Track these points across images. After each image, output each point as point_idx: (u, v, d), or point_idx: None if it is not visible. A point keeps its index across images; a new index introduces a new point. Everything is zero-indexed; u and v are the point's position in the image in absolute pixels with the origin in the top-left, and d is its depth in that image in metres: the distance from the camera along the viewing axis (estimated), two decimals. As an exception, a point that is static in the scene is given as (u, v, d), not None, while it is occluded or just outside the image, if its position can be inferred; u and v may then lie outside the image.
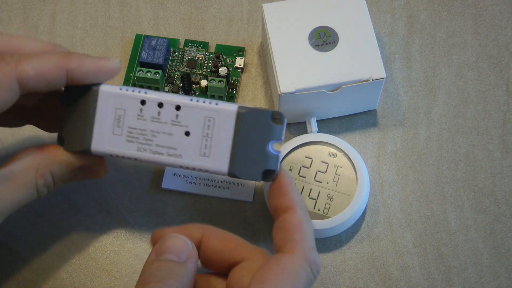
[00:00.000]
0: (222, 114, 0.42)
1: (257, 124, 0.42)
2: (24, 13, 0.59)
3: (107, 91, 0.43)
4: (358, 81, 0.51)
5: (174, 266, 0.39)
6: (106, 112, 0.43)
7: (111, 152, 0.43)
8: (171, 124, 0.42)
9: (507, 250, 0.51)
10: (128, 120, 0.43)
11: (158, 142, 0.43)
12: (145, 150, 0.43)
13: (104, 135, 0.43)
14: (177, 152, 0.43)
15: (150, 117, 0.43)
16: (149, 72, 0.54)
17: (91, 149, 0.43)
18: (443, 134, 0.55)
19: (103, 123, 0.43)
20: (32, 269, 0.51)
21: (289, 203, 0.42)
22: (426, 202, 0.53)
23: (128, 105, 0.43)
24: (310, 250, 0.40)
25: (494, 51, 0.57)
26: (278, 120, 0.42)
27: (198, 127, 0.42)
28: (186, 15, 0.59)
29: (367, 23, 0.53)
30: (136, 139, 0.43)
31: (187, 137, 0.43)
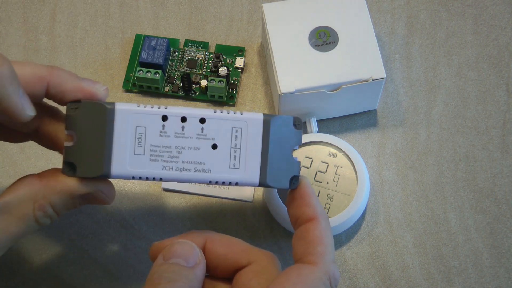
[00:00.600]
0: (249, 123, 0.41)
1: (282, 130, 0.41)
2: (24, 13, 0.59)
3: (125, 109, 0.40)
4: (358, 81, 0.51)
5: (183, 269, 0.39)
6: (125, 131, 0.40)
7: (134, 174, 0.40)
8: (196, 138, 0.40)
9: (507, 250, 0.51)
10: (150, 138, 0.40)
11: (185, 158, 0.40)
12: (171, 168, 0.40)
13: (124, 157, 0.40)
14: (206, 167, 0.41)
15: (174, 132, 0.40)
16: (149, 72, 0.54)
17: (111, 174, 0.40)
18: (443, 134, 0.55)
19: (122, 143, 0.40)
20: (32, 269, 0.51)
21: (312, 213, 0.41)
22: (426, 202, 0.53)
23: (148, 122, 0.40)
24: (330, 263, 0.40)
25: (494, 51, 0.57)
26: (298, 126, 0.42)
27: (225, 138, 0.41)
28: (186, 15, 0.59)
29: (367, 23, 0.53)
30: (160, 157, 0.40)
31: (214, 150, 0.41)
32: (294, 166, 0.42)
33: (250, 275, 0.40)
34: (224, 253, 0.41)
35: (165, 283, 0.38)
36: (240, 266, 0.41)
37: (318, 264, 0.39)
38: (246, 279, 0.40)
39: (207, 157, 0.41)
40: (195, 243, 0.41)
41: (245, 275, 0.40)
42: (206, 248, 0.41)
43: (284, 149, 0.42)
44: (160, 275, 0.38)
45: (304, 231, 0.41)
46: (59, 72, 0.41)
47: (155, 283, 0.38)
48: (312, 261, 0.39)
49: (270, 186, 0.42)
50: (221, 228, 0.52)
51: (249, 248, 0.41)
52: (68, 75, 0.41)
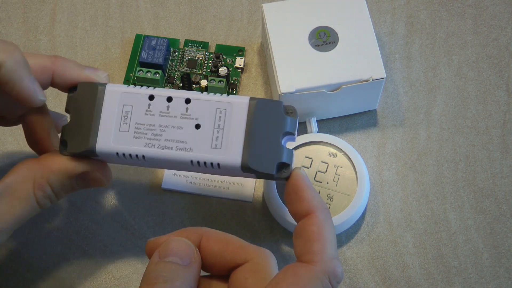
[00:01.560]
0: (234, 105, 0.41)
1: (270, 114, 0.41)
2: (24, 13, 0.59)
3: (114, 89, 0.42)
4: (358, 81, 0.51)
5: (179, 268, 0.39)
6: (113, 109, 0.42)
7: (117, 150, 0.42)
8: (180, 117, 0.41)
9: (507, 250, 0.51)
10: (136, 116, 0.42)
11: (167, 137, 0.41)
12: (153, 145, 0.41)
13: (110, 133, 0.42)
14: (187, 146, 0.41)
15: (159, 111, 0.41)
16: (149, 72, 0.54)
17: (95, 148, 0.42)
18: (443, 134, 0.55)
19: (109, 120, 0.42)
20: (32, 269, 0.51)
21: (308, 207, 0.40)
22: (426, 202, 0.53)
23: (136, 101, 0.42)
24: (330, 261, 0.39)
25: (494, 51, 0.57)
26: (290, 114, 0.41)
27: (209, 119, 0.41)
28: (186, 15, 0.59)
29: (367, 23, 0.53)
30: (144, 134, 0.41)
31: (197, 130, 0.41)
32: (282, 152, 0.41)
33: (246, 274, 0.40)
34: (220, 251, 0.40)
35: (162, 282, 0.37)
36: (236, 264, 0.40)
37: (315, 263, 0.38)
38: (242, 278, 0.39)
39: (190, 136, 0.41)
40: (191, 240, 0.40)
41: (241, 273, 0.40)
42: (202, 245, 0.41)
43: (272, 133, 0.41)
44: (157, 274, 0.38)
45: (301, 228, 0.40)
46: (62, 61, 0.42)
47: (151, 283, 0.38)
48: (310, 260, 0.39)
49: (253, 168, 0.41)
50: (221, 228, 0.52)
51: (245, 246, 0.41)
52: (71, 63, 0.43)
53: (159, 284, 0.37)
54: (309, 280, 0.38)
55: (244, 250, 0.40)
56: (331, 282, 0.38)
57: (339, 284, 0.50)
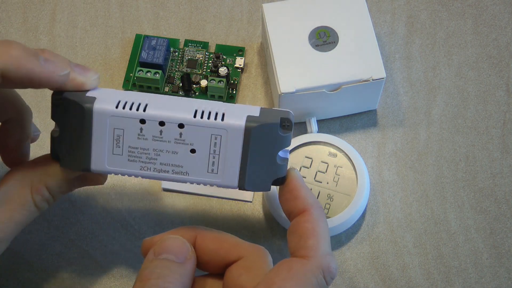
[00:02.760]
0: (229, 132, 0.40)
1: (266, 136, 0.40)
2: (24, 13, 0.59)
3: (102, 111, 0.40)
4: (358, 81, 0.51)
5: (173, 265, 0.39)
6: (103, 132, 0.40)
7: (113, 172, 0.41)
8: (174, 142, 0.40)
9: (507, 250, 0.51)
10: (128, 140, 0.40)
11: (163, 161, 0.40)
12: (149, 169, 0.40)
13: (103, 155, 0.40)
14: (183, 170, 0.40)
15: (152, 136, 0.40)
16: (149, 72, 0.54)
17: (90, 169, 0.41)
18: (443, 134, 0.55)
19: (101, 143, 0.40)
20: (32, 269, 0.51)
21: (302, 205, 0.40)
22: (426, 202, 0.53)
23: (126, 125, 0.40)
24: (324, 256, 0.39)
25: (494, 51, 0.57)
26: (287, 127, 0.40)
27: (204, 145, 0.40)
28: (186, 15, 0.59)
29: (367, 23, 0.53)
30: (138, 158, 0.40)
31: (192, 154, 0.40)
32: (278, 169, 0.41)
33: (240, 270, 0.40)
34: (214, 248, 0.40)
35: (155, 278, 0.38)
36: (230, 261, 0.40)
37: (310, 258, 0.38)
38: (236, 275, 0.40)
39: (185, 161, 0.40)
40: (186, 238, 0.40)
41: (235, 270, 0.40)
42: (197, 244, 0.41)
43: (267, 154, 0.40)
44: (151, 271, 0.38)
45: (296, 225, 0.40)
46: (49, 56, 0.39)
47: (145, 279, 0.38)
48: (304, 255, 0.39)
49: (249, 190, 0.41)
50: (221, 228, 0.52)
51: (239, 243, 0.41)
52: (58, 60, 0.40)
53: (152, 280, 0.37)
54: (303, 274, 0.38)
55: (238, 247, 0.40)
56: (325, 278, 0.39)
57: (335, 281, 0.50)
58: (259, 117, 0.40)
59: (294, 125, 0.41)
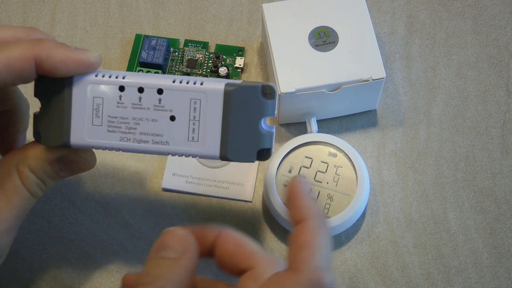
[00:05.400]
0: (208, 95, 0.39)
1: (247, 101, 0.39)
2: (24, 13, 0.59)
3: (82, 79, 0.39)
4: (358, 81, 0.51)
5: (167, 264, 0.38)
6: (83, 102, 0.40)
7: (92, 145, 0.40)
8: (154, 109, 0.39)
9: (507, 250, 0.51)
10: (107, 109, 0.39)
11: (142, 130, 0.39)
12: (128, 139, 0.40)
13: (82, 127, 0.40)
14: (163, 139, 0.39)
15: (131, 103, 0.39)
16: (149, 72, 0.54)
17: (70, 143, 0.40)
18: (443, 134, 0.55)
19: (81, 114, 0.40)
20: (32, 269, 0.51)
21: (301, 215, 0.39)
22: (426, 202, 0.53)
23: (105, 93, 0.39)
24: (317, 270, 0.37)
25: (494, 51, 0.57)
26: (269, 95, 0.39)
27: (183, 110, 0.39)
28: (186, 15, 0.59)
29: (367, 23, 0.53)
30: (118, 128, 0.40)
31: (172, 122, 0.39)
32: (263, 139, 0.40)
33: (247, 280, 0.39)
34: (232, 252, 0.40)
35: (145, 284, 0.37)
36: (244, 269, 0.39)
37: (300, 272, 0.37)
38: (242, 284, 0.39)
39: (165, 129, 0.39)
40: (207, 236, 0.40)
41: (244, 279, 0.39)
42: (218, 244, 0.40)
43: (250, 120, 0.39)
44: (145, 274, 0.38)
45: (294, 235, 0.39)
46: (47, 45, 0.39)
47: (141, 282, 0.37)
48: (295, 268, 0.37)
49: (232, 159, 0.40)
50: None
51: (255, 252, 0.40)
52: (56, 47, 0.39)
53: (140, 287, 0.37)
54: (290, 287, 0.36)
55: (253, 256, 0.39)
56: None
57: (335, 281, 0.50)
58: (239, 83, 0.39)
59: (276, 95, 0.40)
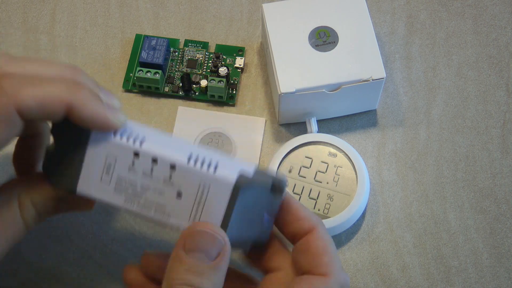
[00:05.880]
0: (218, 184, 0.38)
1: (254, 198, 0.39)
2: (24, 13, 0.59)
3: (100, 136, 0.39)
4: (358, 81, 0.51)
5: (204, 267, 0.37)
6: (96, 157, 0.40)
7: (97, 198, 0.40)
8: (163, 183, 0.39)
9: (507, 250, 0.51)
10: (119, 170, 0.40)
11: (148, 198, 0.39)
12: (133, 202, 0.40)
13: (91, 180, 0.40)
14: (166, 211, 0.39)
15: (142, 171, 0.39)
16: (149, 72, 0.54)
17: (76, 191, 0.40)
18: (443, 134, 0.55)
19: (92, 167, 0.40)
20: (32, 269, 0.51)
21: (308, 224, 0.40)
22: (426, 202, 0.53)
23: (120, 155, 0.39)
24: (340, 272, 0.39)
25: (494, 51, 0.57)
26: (278, 191, 0.39)
27: (191, 191, 0.39)
28: (186, 15, 0.59)
29: (367, 23, 0.53)
30: (125, 190, 0.40)
31: (178, 198, 0.39)
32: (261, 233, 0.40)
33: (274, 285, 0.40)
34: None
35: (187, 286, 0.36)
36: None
37: (329, 275, 0.39)
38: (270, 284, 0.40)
39: (170, 203, 0.39)
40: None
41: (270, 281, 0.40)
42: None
43: (252, 216, 0.39)
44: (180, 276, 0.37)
45: (306, 244, 0.40)
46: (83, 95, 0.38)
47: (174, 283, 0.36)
48: (323, 273, 0.39)
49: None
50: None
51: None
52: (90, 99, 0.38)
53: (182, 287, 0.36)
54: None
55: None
56: None
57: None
58: (251, 177, 0.39)
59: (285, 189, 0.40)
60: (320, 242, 0.40)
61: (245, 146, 0.54)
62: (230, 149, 0.54)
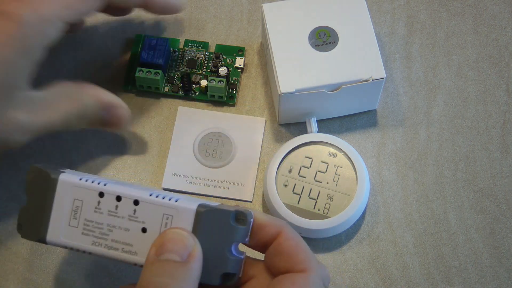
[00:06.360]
0: (180, 212, 0.40)
1: (218, 224, 0.39)
2: (24, 13, 0.59)
3: (66, 181, 0.42)
4: (358, 81, 0.51)
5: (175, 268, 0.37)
6: (64, 202, 0.41)
7: (66, 244, 0.42)
8: (128, 219, 0.40)
9: (507, 250, 0.51)
10: (85, 212, 0.41)
11: (114, 237, 0.41)
12: (100, 244, 0.41)
13: (60, 226, 0.42)
14: (133, 249, 0.40)
15: (108, 210, 0.41)
16: (149, 72, 0.54)
17: (46, 240, 0.42)
18: (443, 134, 0.55)
19: (60, 213, 0.42)
20: (33, 269, 0.51)
21: (275, 229, 0.40)
22: (426, 202, 0.53)
23: (86, 197, 0.41)
24: (318, 265, 0.40)
25: (494, 51, 0.57)
26: (241, 221, 0.40)
27: (155, 224, 0.40)
28: (186, 15, 0.59)
29: (367, 23, 0.53)
30: (92, 232, 0.41)
31: (143, 233, 0.40)
32: (229, 264, 0.40)
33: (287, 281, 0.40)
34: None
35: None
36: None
37: (308, 270, 0.39)
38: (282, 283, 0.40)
39: (135, 240, 0.40)
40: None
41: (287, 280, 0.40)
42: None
43: (219, 244, 0.39)
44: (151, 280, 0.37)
45: (277, 247, 0.40)
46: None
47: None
48: (302, 269, 0.39)
49: None
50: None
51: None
52: None
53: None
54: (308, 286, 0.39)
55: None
56: (324, 284, 0.40)
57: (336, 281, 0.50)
58: (213, 206, 0.40)
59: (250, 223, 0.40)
60: (291, 242, 0.40)
61: (245, 146, 0.54)
62: (230, 149, 0.54)
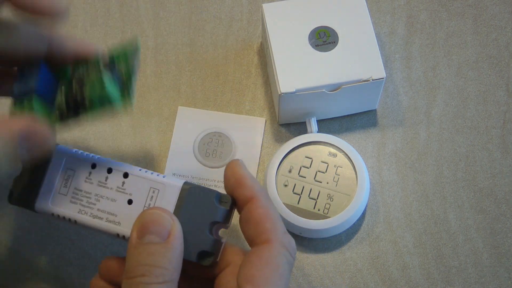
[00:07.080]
0: (166, 187, 0.41)
1: (201, 202, 0.40)
2: (24, 13, 0.59)
3: (61, 151, 0.43)
4: (358, 81, 0.51)
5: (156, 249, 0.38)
6: (57, 171, 0.43)
7: (53, 211, 0.43)
8: (116, 190, 0.42)
9: (507, 250, 0.51)
10: (76, 182, 0.43)
11: (100, 207, 0.42)
12: (86, 213, 0.42)
13: (49, 193, 0.43)
14: (116, 219, 0.42)
15: (98, 181, 0.42)
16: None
17: (35, 207, 0.43)
18: (443, 134, 0.55)
19: (52, 181, 0.43)
20: (32, 269, 0.51)
21: (249, 192, 0.40)
22: (426, 202, 0.53)
23: (78, 167, 0.43)
24: (284, 235, 0.39)
25: (494, 51, 0.57)
26: (224, 204, 0.41)
27: (141, 196, 0.42)
28: (186, 15, 0.59)
29: (367, 23, 0.53)
30: (79, 201, 0.42)
31: (129, 205, 0.42)
32: (208, 242, 0.40)
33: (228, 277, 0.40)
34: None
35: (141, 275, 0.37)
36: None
37: (273, 241, 0.39)
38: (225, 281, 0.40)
39: (120, 211, 0.42)
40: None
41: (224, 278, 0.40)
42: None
43: (200, 221, 0.40)
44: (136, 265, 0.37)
45: (248, 213, 0.40)
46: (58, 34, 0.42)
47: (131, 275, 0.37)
48: (267, 240, 0.39)
49: None
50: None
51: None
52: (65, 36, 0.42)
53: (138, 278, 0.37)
54: (273, 257, 0.38)
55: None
56: (291, 254, 0.39)
57: (336, 281, 0.50)
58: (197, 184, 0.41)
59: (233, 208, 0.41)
60: (260, 210, 0.40)
61: (245, 146, 0.54)
62: (230, 149, 0.54)
